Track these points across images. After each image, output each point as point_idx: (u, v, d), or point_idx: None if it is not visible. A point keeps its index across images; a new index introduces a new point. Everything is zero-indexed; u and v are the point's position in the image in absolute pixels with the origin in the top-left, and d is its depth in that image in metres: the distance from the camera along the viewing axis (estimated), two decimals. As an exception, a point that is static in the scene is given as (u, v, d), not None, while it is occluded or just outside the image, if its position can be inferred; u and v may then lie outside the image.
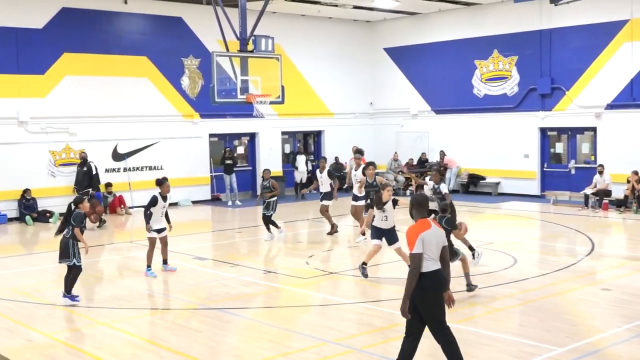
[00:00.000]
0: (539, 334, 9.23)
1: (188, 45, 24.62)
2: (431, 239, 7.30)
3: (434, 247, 7.30)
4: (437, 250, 7.32)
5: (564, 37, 23.88)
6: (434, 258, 7.31)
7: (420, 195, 7.68)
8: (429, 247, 7.26)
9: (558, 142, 25.04)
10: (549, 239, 17.42)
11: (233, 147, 26.27)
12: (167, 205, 13.54)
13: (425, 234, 7.27)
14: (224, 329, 9.87)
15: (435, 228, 7.42)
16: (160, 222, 13.43)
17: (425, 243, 7.24)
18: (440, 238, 7.42)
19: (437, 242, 7.34)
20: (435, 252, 7.31)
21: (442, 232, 7.52)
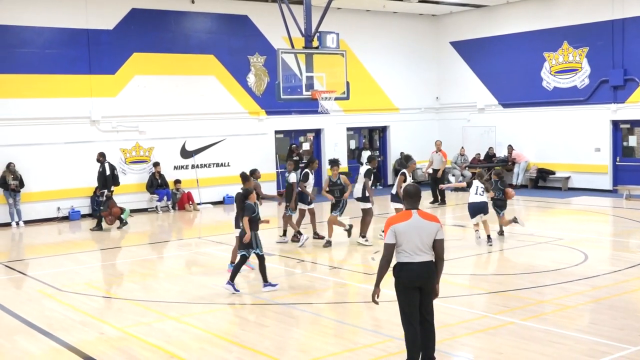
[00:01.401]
0: (611, 332, 9.00)
1: (254, 43, 24.86)
2: (407, 230, 7.29)
3: (412, 238, 7.29)
4: (416, 242, 7.30)
5: (638, 27, 23.15)
6: (408, 250, 7.32)
7: (411, 186, 7.66)
8: (403, 238, 7.30)
9: (631, 135, 24.32)
10: (621, 235, 16.95)
11: (299, 144, 26.41)
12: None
13: (399, 226, 7.32)
14: (291, 324, 9.94)
15: (419, 220, 7.36)
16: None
17: (398, 234, 7.30)
18: (426, 230, 7.34)
19: (418, 234, 7.31)
20: (411, 244, 7.30)
21: (430, 224, 7.38)
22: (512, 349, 8.52)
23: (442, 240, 7.45)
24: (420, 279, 7.41)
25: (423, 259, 7.37)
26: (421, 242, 7.33)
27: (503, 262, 13.87)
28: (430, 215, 7.55)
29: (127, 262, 15.02)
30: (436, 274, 7.50)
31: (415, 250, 7.33)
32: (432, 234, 7.39)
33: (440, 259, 7.48)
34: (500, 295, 11.11)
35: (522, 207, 22.48)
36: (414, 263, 7.35)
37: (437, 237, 7.41)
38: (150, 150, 23.05)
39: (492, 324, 9.53)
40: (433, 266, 7.48)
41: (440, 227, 7.46)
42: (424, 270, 7.39)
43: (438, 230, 7.43)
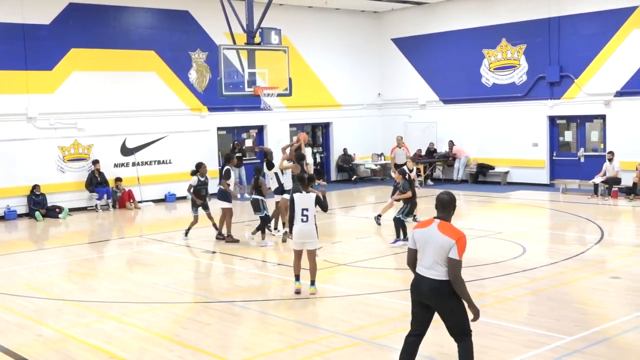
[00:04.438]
0: (549, 323, 9.20)
1: (195, 39, 24.60)
2: (422, 238, 6.75)
3: (424, 249, 6.71)
4: (427, 254, 6.67)
5: (573, 24, 23.72)
6: (420, 260, 6.78)
7: (446, 194, 6.89)
8: (418, 246, 6.80)
9: (567, 130, 24.92)
10: (558, 228, 17.35)
11: (241, 140, 26.26)
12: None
13: (417, 232, 6.84)
14: (234, 322, 9.87)
15: (434, 231, 6.67)
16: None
17: (415, 240, 6.84)
18: (437, 244, 6.62)
19: (429, 246, 6.67)
20: (423, 255, 6.73)
21: (442, 239, 6.61)
22: (453, 341, 8.60)
23: (454, 261, 6.56)
24: (420, 295, 6.80)
25: (432, 275, 6.65)
26: (432, 256, 6.64)
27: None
28: (451, 229, 6.67)
29: (67, 262, 14.71)
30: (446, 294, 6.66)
31: (425, 263, 6.72)
32: (444, 250, 6.59)
33: (451, 281, 6.60)
34: (441, 289, 11.22)
35: (462, 201, 22.79)
36: (419, 275, 6.79)
37: (450, 255, 6.56)
38: (90, 148, 22.60)
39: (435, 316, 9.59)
40: (445, 287, 6.62)
41: (455, 244, 6.56)
42: (429, 288, 6.68)
43: (451, 248, 6.56)
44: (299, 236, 10.73)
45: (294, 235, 10.79)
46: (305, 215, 10.71)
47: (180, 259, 14.64)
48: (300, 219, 10.72)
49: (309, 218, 10.73)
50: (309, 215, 10.73)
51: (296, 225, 10.75)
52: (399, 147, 23.46)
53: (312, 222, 10.80)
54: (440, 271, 6.64)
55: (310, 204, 10.77)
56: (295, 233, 10.76)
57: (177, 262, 14.42)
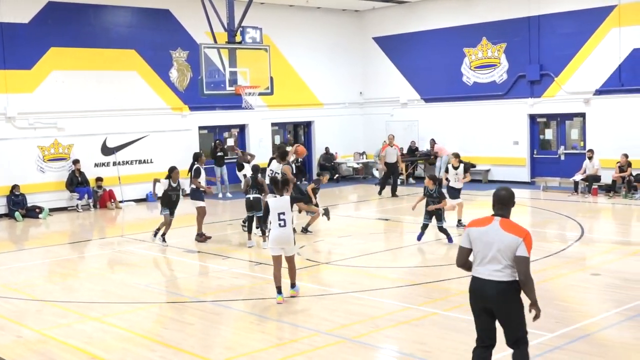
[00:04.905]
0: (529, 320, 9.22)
1: (176, 38, 24.49)
2: (480, 237, 6.33)
3: (484, 249, 6.29)
4: (487, 254, 6.26)
5: (552, 23, 23.89)
6: (478, 262, 6.36)
7: (504, 190, 6.59)
8: (475, 246, 6.37)
9: (547, 128, 25.09)
10: (539, 225, 17.45)
11: (223, 139, 26.19)
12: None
13: (474, 231, 6.41)
14: (216, 322, 9.85)
15: (496, 229, 6.28)
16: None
17: (472, 240, 6.41)
18: (502, 243, 6.21)
19: (491, 246, 6.25)
20: (482, 255, 6.31)
21: (507, 237, 6.21)
22: (435, 339, 8.66)
23: (523, 259, 6.17)
24: (484, 299, 6.32)
25: (497, 276, 6.21)
26: (494, 255, 6.23)
27: (426, 254, 14.08)
28: (516, 227, 6.32)
29: (47, 263, 14.59)
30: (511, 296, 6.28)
31: (484, 264, 6.29)
32: (511, 248, 6.19)
33: (521, 282, 6.22)
34: (424, 287, 11.28)
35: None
36: (479, 279, 6.33)
37: (518, 253, 6.17)
38: (70, 148, 22.44)
39: (415, 315, 9.66)
40: (511, 288, 6.24)
41: (522, 241, 6.19)
42: (490, 290, 6.25)
43: (519, 246, 6.18)
44: (277, 241, 10.33)
45: (272, 241, 10.40)
46: (282, 220, 10.30)
47: (162, 258, 14.57)
48: (278, 223, 10.31)
49: (286, 222, 10.33)
50: (286, 220, 10.34)
51: (274, 231, 10.36)
52: (390, 145, 23.44)
53: (290, 227, 10.43)
54: (506, 272, 6.22)
55: (286, 207, 10.41)
56: (273, 238, 10.35)
57: (159, 261, 14.36)
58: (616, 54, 22.33)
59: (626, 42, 22.09)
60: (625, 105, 22.32)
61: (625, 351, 8.11)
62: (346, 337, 8.81)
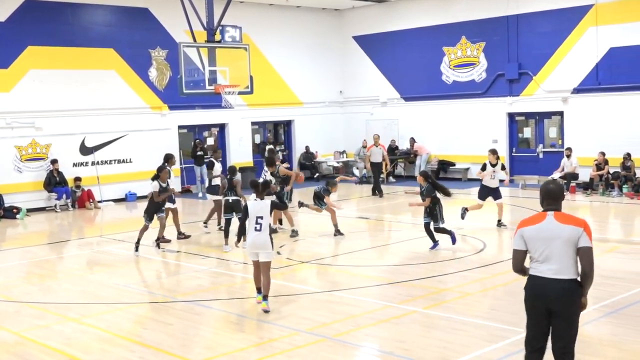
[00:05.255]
0: (508, 317, 9.30)
1: (155, 37, 24.37)
2: (537, 235, 6.04)
3: (542, 246, 6.01)
4: (546, 251, 5.99)
5: (531, 22, 24.05)
6: (537, 261, 6.07)
7: (552, 183, 6.28)
8: (532, 246, 6.07)
9: (526, 127, 25.25)
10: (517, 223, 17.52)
11: (203, 139, 26.10)
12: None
13: (528, 230, 6.10)
14: (196, 322, 9.81)
15: (553, 223, 6.01)
16: None
17: (527, 240, 6.10)
18: (562, 237, 5.94)
19: (550, 242, 5.97)
20: (540, 253, 6.02)
21: (567, 229, 5.94)
22: (415, 337, 8.69)
23: (588, 249, 5.91)
24: (546, 299, 6.01)
25: (555, 274, 5.95)
26: (554, 251, 5.95)
27: (406, 253, 14.12)
28: (572, 217, 6.06)
29: (25, 264, 14.46)
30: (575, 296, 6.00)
31: (544, 262, 6.01)
32: (572, 241, 5.93)
33: (585, 273, 5.96)
34: (403, 285, 11.31)
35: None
36: (542, 278, 6.02)
37: (581, 244, 5.91)
38: (48, 147, 22.25)
39: (395, 313, 9.68)
40: (575, 286, 5.98)
41: (583, 231, 5.93)
42: (553, 289, 5.96)
43: (580, 236, 5.91)
44: (252, 246, 9.99)
45: (248, 245, 10.05)
46: (259, 224, 9.90)
47: (141, 259, 14.49)
48: (254, 227, 9.92)
49: (262, 227, 9.91)
50: (263, 224, 9.92)
51: (250, 235, 9.98)
52: (375, 145, 23.38)
53: (266, 232, 9.97)
54: (570, 269, 5.95)
55: (265, 211, 9.98)
56: (249, 243, 10.01)
57: (138, 262, 14.27)
58: (593, 52, 22.52)
59: (603, 41, 22.29)
60: (602, 104, 22.52)
61: (603, 347, 8.18)
62: (326, 335, 8.82)
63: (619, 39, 21.99)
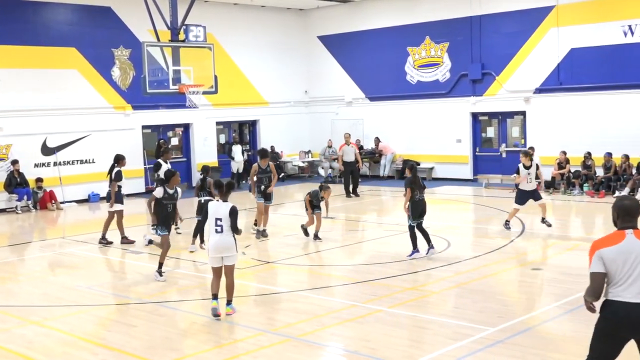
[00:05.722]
0: (472, 315, 9.40)
1: (118, 36, 24.11)
2: (618, 257, 5.57)
3: (625, 268, 5.56)
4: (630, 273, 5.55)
5: (494, 23, 24.31)
6: (619, 284, 5.58)
7: (629, 200, 5.87)
8: (612, 267, 5.59)
9: (489, 126, 25.51)
10: (481, 222, 17.75)
11: (167, 139, 25.91)
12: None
13: (607, 251, 5.61)
14: (161, 323, 9.72)
15: (634, 243, 5.58)
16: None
17: (606, 262, 5.61)
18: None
19: (633, 262, 5.54)
20: (623, 276, 5.56)
21: None
22: (380, 336, 8.73)
23: None
24: (631, 327, 5.56)
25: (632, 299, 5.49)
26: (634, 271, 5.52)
27: (371, 252, 14.18)
28: None
29: (-15, 266, 14.20)
30: None
31: (628, 286, 5.52)
32: None
33: None
34: (369, 284, 11.35)
35: (389, 197, 23.11)
36: (625, 304, 5.52)
37: None
38: (8, 148, 21.88)
39: (360, 312, 9.72)
40: None
41: None
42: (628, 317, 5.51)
43: None
44: (215, 250, 9.60)
45: (210, 250, 9.67)
46: (219, 226, 9.58)
47: (104, 260, 14.34)
48: (214, 229, 9.61)
49: (223, 229, 9.58)
50: (224, 226, 9.59)
51: (211, 237, 9.66)
52: (347, 144, 23.34)
53: (228, 233, 9.65)
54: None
55: (224, 214, 9.62)
56: (211, 246, 9.64)
57: (102, 263, 14.13)
58: (555, 53, 22.84)
59: (564, 42, 22.62)
60: (563, 104, 22.85)
61: (564, 343, 8.31)
62: (291, 335, 8.81)
63: (579, 39, 22.34)
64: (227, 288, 9.75)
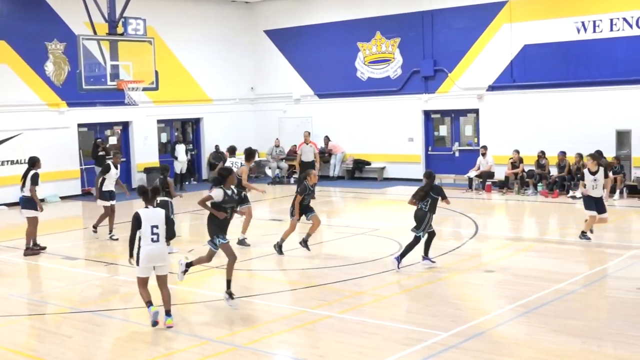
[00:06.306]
0: (425, 320, 9.50)
1: (52, 29, 23.67)
2: None
3: None
4: None
5: (446, 18, 24.59)
6: None
7: None
8: None
9: (442, 124, 25.81)
10: (434, 223, 17.87)
11: (105, 138, 25.54)
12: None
13: None
14: (97, 333, 9.59)
15: None
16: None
17: None
18: None
19: None
20: None
21: None
22: (330, 342, 8.75)
23: None
24: None
25: None
26: None
27: (320, 255, 14.20)
28: None
29: None
30: None
31: None
32: None
33: None
34: (318, 289, 11.37)
35: (339, 198, 23.19)
36: None
37: None
38: None
39: (309, 318, 9.73)
40: None
41: None
42: None
43: None
44: (149, 259, 9.40)
45: (143, 259, 9.40)
46: (155, 234, 9.39)
47: (38, 267, 14.05)
48: (150, 238, 9.38)
49: (159, 237, 9.44)
50: (160, 234, 9.45)
51: (146, 247, 9.39)
52: (306, 143, 23.18)
53: (163, 241, 9.57)
54: None
55: (160, 221, 9.49)
56: (145, 256, 9.38)
57: (35, 270, 13.85)
58: (508, 50, 23.22)
59: (517, 38, 23.02)
60: (517, 101, 23.25)
61: (518, 347, 8.45)
62: (237, 344, 8.77)
63: (532, 36, 22.76)
64: (165, 299, 9.58)
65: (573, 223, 17.40)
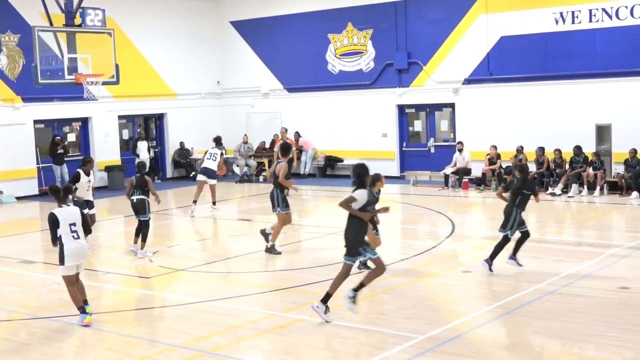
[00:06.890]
0: (400, 323, 9.54)
1: (5, 20, 23.40)
2: None
3: None
4: None
5: (420, 9, 24.68)
6: None
7: None
8: None
9: (416, 119, 25.91)
10: (409, 222, 18.02)
11: (63, 135, 25.31)
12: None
13: None
14: (57, 340, 9.51)
15: None
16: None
17: None
18: None
19: None
20: None
21: None
22: (301, 347, 8.76)
23: None
24: None
25: None
26: None
27: (290, 257, 14.19)
28: None
29: None
30: None
31: None
32: None
33: None
34: (288, 292, 11.38)
35: (310, 197, 23.21)
36: None
37: None
38: None
39: (280, 322, 9.73)
40: None
41: None
42: None
43: None
44: (78, 256, 9.90)
45: (69, 257, 9.78)
46: (74, 232, 9.82)
47: (-8, 271, 13.90)
48: (71, 236, 9.80)
49: (79, 234, 9.89)
50: (78, 231, 9.89)
51: (69, 244, 9.78)
52: (282, 140, 23.14)
53: (84, 239, 10.02)
54: None
55: (77, 218, 9.92)
56: (70, 254, 9.78)
57: (-11, 275, 13.69)
58: (484, 41, 23.37)
59: (494, 30, 23.18)
60: (494, 95, 23.42)
61: (496, 350, 8.52)
62: (204, 350, 8.75)
63: (509, 27, 22.93)
64: (81, 289, 10.18)
65: (552, 221, 17.62)
